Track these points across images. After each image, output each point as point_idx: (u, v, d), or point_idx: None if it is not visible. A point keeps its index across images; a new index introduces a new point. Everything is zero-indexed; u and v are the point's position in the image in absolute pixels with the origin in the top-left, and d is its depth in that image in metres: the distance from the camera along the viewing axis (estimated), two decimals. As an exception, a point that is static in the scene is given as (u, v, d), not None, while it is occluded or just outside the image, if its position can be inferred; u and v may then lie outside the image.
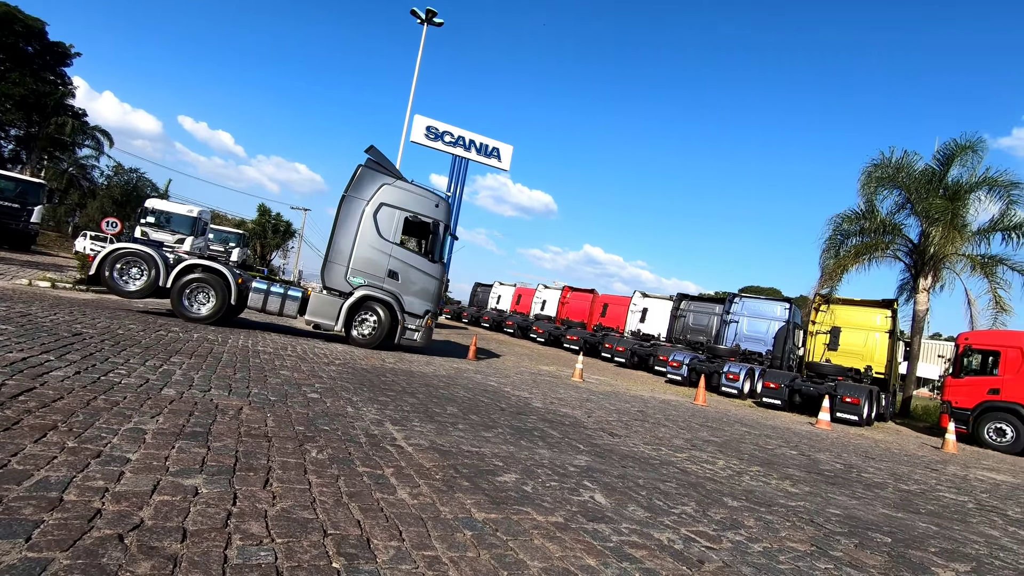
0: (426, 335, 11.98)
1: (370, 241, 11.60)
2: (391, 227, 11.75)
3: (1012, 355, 15.14)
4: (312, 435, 3.95)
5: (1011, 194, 19.38)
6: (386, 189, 11.81)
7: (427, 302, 11.98)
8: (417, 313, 11.79)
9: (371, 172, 11.93)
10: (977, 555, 3.94)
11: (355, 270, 11.57)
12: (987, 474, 9.30)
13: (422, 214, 11.95)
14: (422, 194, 12.12)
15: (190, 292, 10.64)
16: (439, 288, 12.33)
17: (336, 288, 11.54)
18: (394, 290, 11.67)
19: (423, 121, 33.97)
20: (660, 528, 3.28)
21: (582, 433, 6.17)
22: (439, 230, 12.08)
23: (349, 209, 11.69)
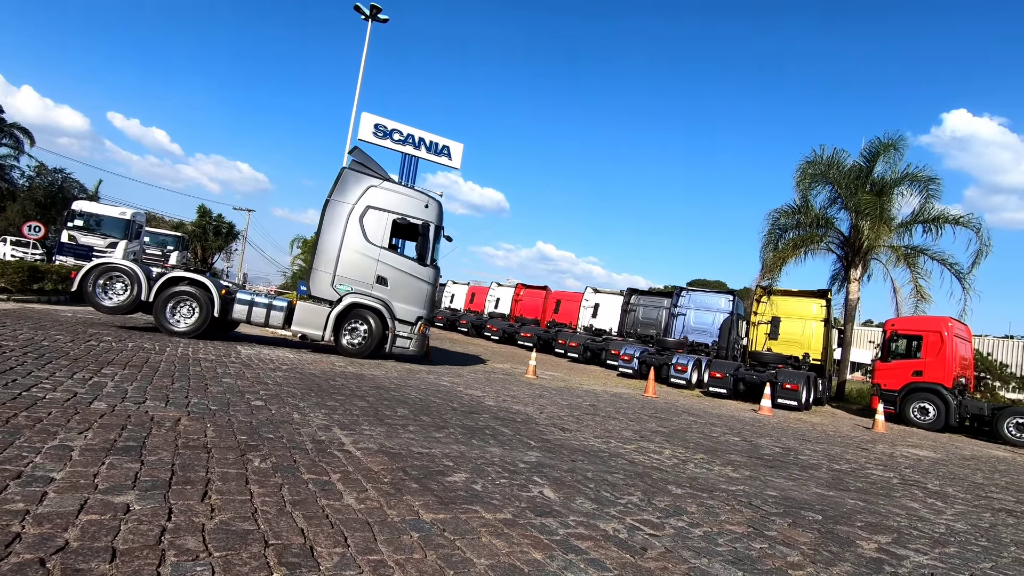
0: (419, 343, 11.46)
1: (357, 246, 11.13)
2: (379, 231, 11.25)
3: (932, 339, 16.27)
4: (255, 444, 3.85)
5: (929, 188, 20.80)
6: (373, 191, 11.35)
7: (419, 308, 11.46)
8: (408, 320, 11.29)
9: (356, 174, 11.46)
10: (898, 527, 4.23)
11: (342, 277, 11.12)
12: (911, 451, 9.97)
13: (411, 216, 11.45)
14: (411, 195, 11.74)
15: (173, 306, 10.37)
16: (432, 293, 11.80)
17: (322, 296, 11.09)
18: (384, 296, 11.18)
19: (371, 119, 33.40)
20: (606, 519, 3.37)
21: (534, 429, 6.24)
22: (429, 232, 11.54)
23: (334, 214, 11.23)
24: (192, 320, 10.39)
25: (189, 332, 10.30)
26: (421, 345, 11.55)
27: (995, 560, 3.69)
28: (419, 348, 11.51)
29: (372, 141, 33.31)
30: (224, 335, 11.95)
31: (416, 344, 11.37)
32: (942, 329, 16.24)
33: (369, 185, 11.36)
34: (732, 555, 3.06)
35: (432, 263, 11.68)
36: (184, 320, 10.36)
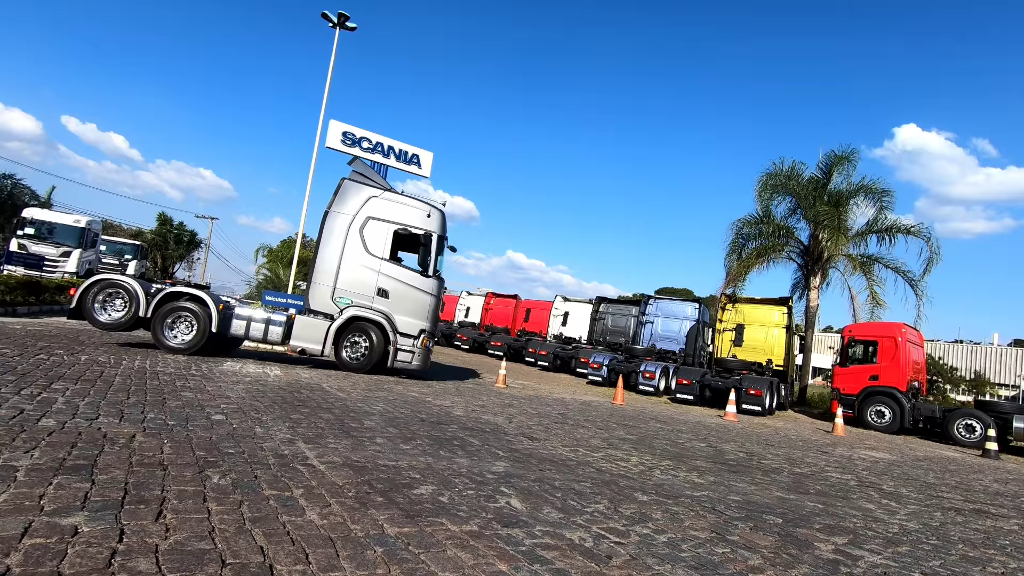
0: (423, 357, 11.15)
1: (357, 258, 10.92)
2: (379, 242, 11.03)
3: (887, 344, 16.89)
4: (214, 460, 3.74)
5: (883, 200, 21.68)
6: (373, 202, 11.15)
7: (421, 320, 11.14)
8: (411, 333, 11.00)
9: (356, 185, 11.27)
10: (854, 527, 4.37)
11: (342, 290, 10.89)
12: (869, 453, 10.31)
13: (412, 226, 11.20)
14: (412, 204, 11.44)
15: (171, 322, 10.18)
16: (435, 305, 11.46)
17: (322, 310, 10.85)
18: (385, 309, 10.93)
19: (339, 127, 33.02)
20: (573, 528, 3.39)
21: (502, 439, 6.24)
22: (431, 242, 11.28)
23: (333, 225, 11.03)
24: (189, 336, 10.22)
25: (186, 349, 10.13)
26: (424, 359, 11.21)
27: (944, 558, 3.84)
28: (422, 362, 11.18)
29: (340, 149, 32.97)
30: (226, 352, 11.77)
31: (419, 358, 11.07)
32: (896, 335, 16.89)
33: (369, 196, 11.19)
34: (695, 560, 3.11)
35: (435, 274, 11.41)
36: (182, 336, 10.20)
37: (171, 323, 10.17)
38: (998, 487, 8.06)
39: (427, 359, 11.36)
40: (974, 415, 15.12)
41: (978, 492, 7.30)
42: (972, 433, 14.82)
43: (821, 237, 21.44)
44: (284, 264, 30.57)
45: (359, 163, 11.94)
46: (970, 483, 8.09)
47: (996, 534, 4.85)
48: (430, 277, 11.28)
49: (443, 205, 11.92)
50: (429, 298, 11.26)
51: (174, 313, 10.19)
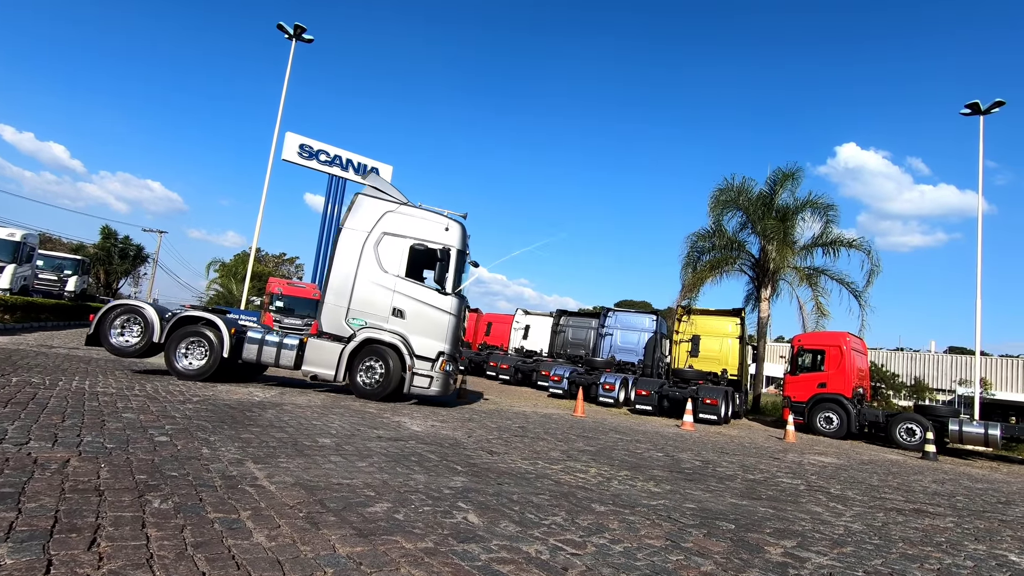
0: (442, 382, 10.32)
1: (371, 276, 10.43)
2: (395, 259, 10.50)
3: (833, 353, 17.60)
4: (156, 483, 3.57)
5: (828, 214, 22.76)
6: (389, 217, 10.65)
7: (440, 342, 10.40)
8: (428, 356, 10.29)
9: (371, 200, 10.82)
10: (803, 531, 4.50)
11: (355, 311, 10.37)
12: (818, 458, 10.68)
13: (429, 240, 10.59)
14: (429, 218, 10.83)
15: (186, 347, 9.91)
16: (456, 325, 10.66)
17: (334, 332, 10.34)
18: (400, 330, 10.32)
19: (296, 139, 32.59)
20: (529, 541, 3.38)
21: (461, 454, 6.18)
22: (450, 257, 10.52)
23: (347, 243, 10.59)
24: (201, 362, 9.96)
25: (198, 375, 9.88)
26: (444, 384, 10.40)
27: (885, 557, 4.00)
28: (442, 388, 10.36)
29: (297, 161, 32.49)
30: (249, 378, 11.45)
31: (439, 383, 10.27)
32: (841, 343, 17.63)
33: (385, 211, 10.72)
34: (650, 569, 3.14)
35: (455, 292, 10.66)
36: (196, 362, 9.96)
37: (185, 349, 9.97)
38: (936, 487, 8.47)
39: (447, 384, 10.50)
40: (914, 419, 15.87)
41: (918, 492, 7.65)
42: (913, 436, 15.55)
43: (770, 250, 22.29)
44: (237, 279, 29.66)
45: (374, 177, 11.45)
46: (911, 484, 8.47)
47: (933, 532, 5.09)
48: (449, 295, 10.55)
49: (464, 217, 11.23)
50: (448, 318, 10.51)
51: (188, 338, 9.96)
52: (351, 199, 11.05)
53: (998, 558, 4.36)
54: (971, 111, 20.64)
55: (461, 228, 10.93)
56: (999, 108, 20.29)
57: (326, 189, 32.48)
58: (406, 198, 11.21)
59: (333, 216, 33.77)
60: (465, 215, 11.24)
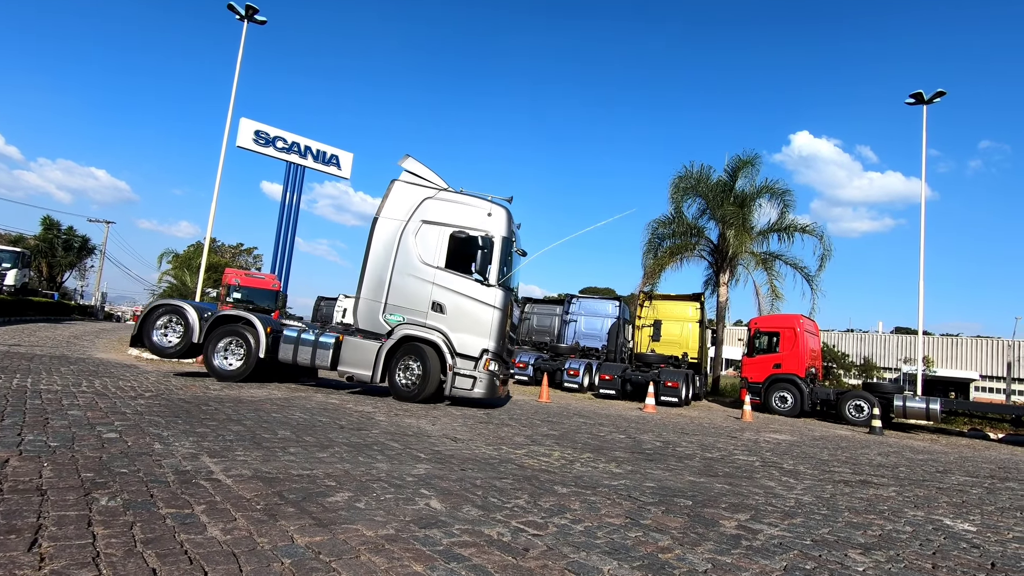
0: (487, 383, 9.55)
1: (409, 269, 9.78)
2: (434, 249, 9.79)
3: (788, 335, 18.23)
4: (104, 481, 3.44)
5: (785, 199, 23.44)
6: (427, 204, 9.97)
7: (483, 338, 9.60)
8: (471, 354, 9.56)
9: (407, 187, 10.16)
10: (756, 504, 4.68)
11: (393, 306, 9.76)
12: (773, 436, 11.09)
13: (470, 228, 9.80)
14: (470, 203, 10.08)
15: (225, 347, 9.71)
16: (501, 320, 9.77)
17: (371, 329, 9.78)
18: (440, 327, 9.62)
19: (251, 125, 31.49)
20: (492, 524, 3.41)
21: (425, 442, 6.16)
22: (493, 245, 9.72)
23: (383, 234, 9.97)
24: (237, 364, 9.73)
25: (233, 376, 9.64)
26: (489, 385, 9.62)
27: (832, 525, 4.20)
28: (487, 389, 9.59)
29: (252, 148, 31.41)
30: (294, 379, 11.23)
31: (483, 385, 9.52)
32: (795, 326, 18.29)
33: (423, 198, 10.03)
34: (609, 546, 3.21)
35: (500, 283, 9.84)
36: (235, 362, 9.74)
37: (224, 349, 9.75)
38: (881, 459, 8.92)
39: (492, 385, 9.68)
40: (862, 396, 16.64)
41: (864, 465, 8.04)
42: (861, 413, 16.31)
43: (729, 236, 22.86)
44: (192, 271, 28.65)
45: (410, 161, 10.50)
46: (858, 457, 8.89)
47: (877, 501, 5.36)
48: (492, 287, 9.72)
49: (509, 201, 10.28)
50: (492, 312, 9.69)
51: (226, 338, 9.71)
52: (387, 186, 10.29)
53: (934, 523, 4.63)
54: (915, 100, 21.52)
55: (506, 213, 10.07)
56: (941, 98, 21.22)
57: (284, 177, 31.60)
58: (446, 183, 10.47)
59: (292, 205, 32.91)
60: (511, 199, 10.33)
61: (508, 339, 10.36)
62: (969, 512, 5.23)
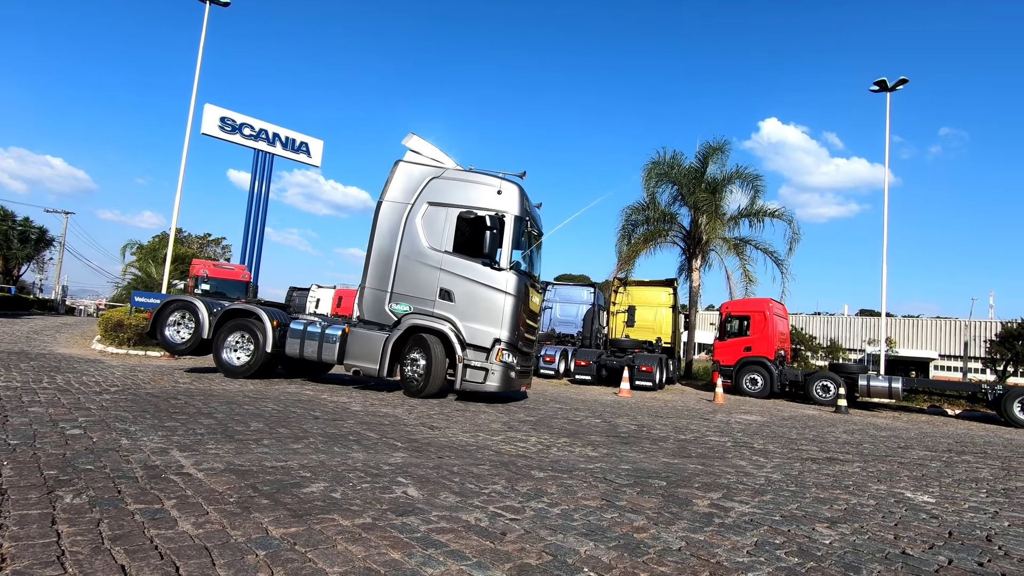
0: (501, 376, 8.85)
1: (415, 254, 9.23)
2: (440, 232, 9.19)
3: (758, 318, 18.63)
4: (68, 478, 3.34)
5: (756, 184, 23.82)
6: (433, 184, 9.37)
7: (494, 327, 8.89)
8: (482, 344, 8.90)
9: (411, 167, 9.60)
10: (728, 483, 4.80)
11: (399, 295, 9.21)
12: (744, 417, 11.37)
13: (479, 207, 9.11)
14: (480, 181, 9.40)
15: (235, 343, 9.50)
16: (515, 306, 9.01)
17: (376, 320, 9.28)
18: (449, 315, 9.00)
19: (216, 111, 30.59)
20: (469, 510, 3.42)
21: (401, 431, 6.14)
22: (504, 225, 9.04)
23: (387, 218, 9.45)
24: (246, 358, 9.47)
25: (241, 372, 9.40)
26: (504, 378, 8.91)
27: (800, 501, 4.33)
28: (501, 382, 8.90)
29: (218, 135, 30.55)
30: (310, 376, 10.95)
31: (497, 377, 8.83)
32: (765, 309, 18.70)
33: (430, 178, 9.42)
34: (586, 528, 3.26)
35: (512, 267, 9.11)
36: (243, 357, 9.50)
37: (233, 344, 9.53)
38: (846, 437, 9.22)
39: (507, 378, 8.97)
40: (828, 377, 17.15)
41: (830, 443, 8.31)
42: (827, 392, 16.82)
43: (700, 222, 23.17)
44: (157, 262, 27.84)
45: (415, 140, 9.82)
46: (824, 436, 9.18)
47: (842, 477, 5.55)
48: (503, 270, 9.01)
49: (521, 177, 9.56)
50: (503, 298, 8.98)
51: (235, 332, 9.48)
52: (391, 168, 9.71)
53: (896, 495, 4.81)
54: (879, 88, 22.01)
55: (518, 190, 9.37)
56: (903, 86, 21.75)
57: (252, 165, 30.83)
58: (455, 162, 9.89)
59: (261, 193, 32.16)
60: (523, 174, 9.58)
61: (527, 328, 9.70)
62: (928, 485, 5.45)
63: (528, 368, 10.20)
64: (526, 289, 9.35)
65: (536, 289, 10.20)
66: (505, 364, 8.90)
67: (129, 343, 13.78)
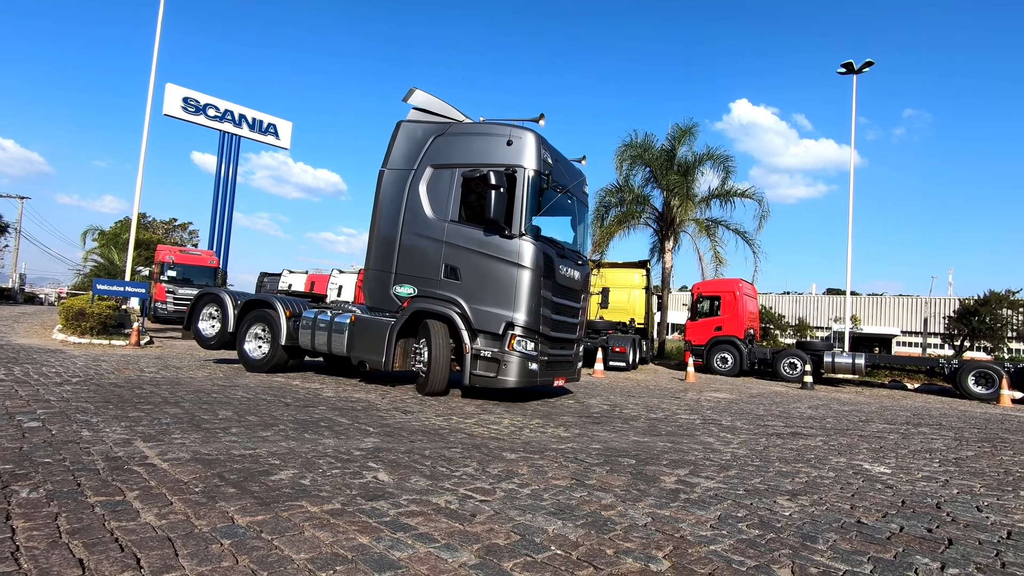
0: (517, 367, 7.37)
1: (418, 227, 8.05)
2: (446, 198, 7.90)
3: (728, 298, 18.98)
4: (25, 472, 3.25)
5: (727, 166, 24.08)
6: (438, 144, 8.13)
7: (505, 309, 7.39)
8: (491, 330, 7.44)
9: (414, 127, 8.41)
10: (695, 460, 4.92)
11: (402, 276, 8.11)
12: (714, 395, 11.63)
13: (484, 164, 7.63)
14: (488, 132, 8.00)
15: (256, 335, 9.20)
16: (532, 281, 7.45)
17: (381, 306, 8.32)
18: (455, 296, 7.68)
19: (178, 91, 29.51)
20: (439, 493, 3.44)
21: (374, 416, 6.12)
22: (515, 181, 7.50)
23: (389, 189, 8.35)
24: (263, 351, 9.15)
25: (259, 366, 9.06)
26: (520, 370, 7.43)
27: (763, 476, 4.47)
28: (518, 375, 7.42)
29: (182, 117, 29.51)
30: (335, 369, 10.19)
31: (512, 369, 7.36)
32: (735, 289, 19.05)
33: (434, 136, 8.18)
34: (555, 507, 3.31)
35: (525, 233, 7.47)
36: (265, 348, 9.16)
37: (254, 336, 9.25)
38: (811, 412, 9.52)
39: (526, 370, 7.49)
40: (795, 354, 17.63)
41: (795, 418, 8.57)
42: (794, 370, 17.30)
43: (673, 204, 23.39)
44: (119, 248, 26.98)
45: (418, 94, 8.48)
46: (790, 411, 9.46)
47: (805, 451, 5.74)
48: (514, 237, 7.43)
49: (538, 122, 8.06)
50: (515, 272, 7.41)
51: (256, 325, 9.18)
52: (393, 130, 8.55)
53: (855, 467, 5.00)
54: (846, 70, 22.35)
55: (533, 139, 7.75)
56: (869, 68, 22.13)
57: (218, 148, 29.96)
58: (465, 115, 8.55)
59: (228, 177, 31.29)
60: (540, 118, 8.07)
61: (558, 309, 8.06)
62: (886, 456, 5.67)
63: (566, 358, 8.62)
64: (549, 261, 7.81)
65: (572, 262, 8.58)
66: (522, 354, 7.43)
67: (92, 332, 13.38)
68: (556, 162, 8.20)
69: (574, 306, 8.64)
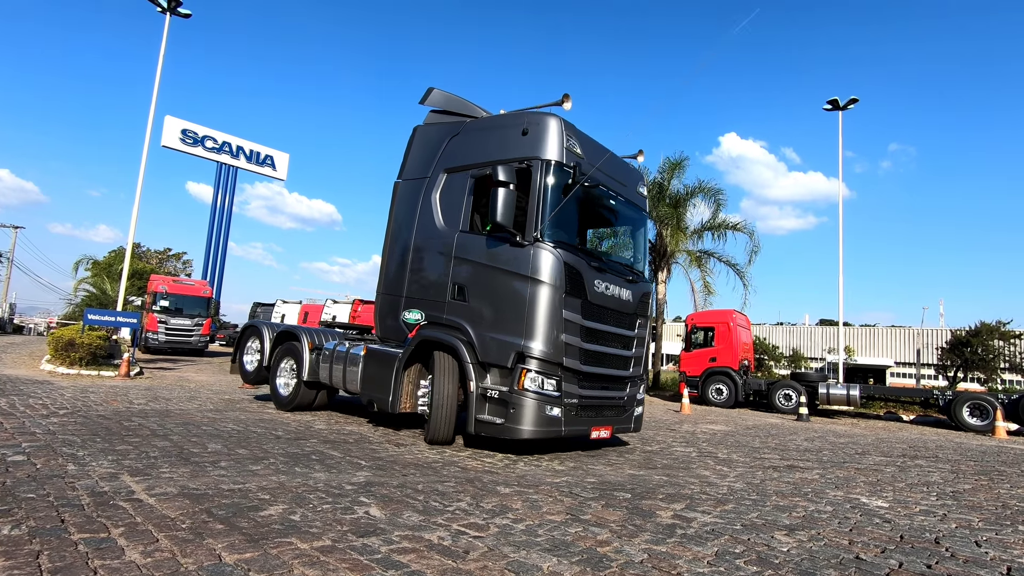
0: (532, 413, 5.86)
1: (429, 241, 7.00)
2: (459, 206, 6.78)
3: (722, 329, 19.02)
4: (7, 508, 3.17)
5: (718, 199, 24.43)
6: (452, 145, 7.10)
7: (515, 336, 5.98)
8: (500, 363, 6.04)
9: (431, 129, 7.48)
10: (691, 494, 4.86)
11: (411, 299, 7.01)
12: (709, 426, 11.54)
13: (493, 160, 6.45)
14: (501, 124, 6.88)
15: (288, 369, 8.77)
16: (550, 300, 5.96)
17: (390, 336, 7.29)
18: (460, 320, 6.41)
19: (177, 124, 29.93)
20: (432, 528, 3.38)
21: (365, 448, 6.04)
22: (530, 177, 6.22)
23: (403, 202, 7.42)
24: (290, 388, 8.67)
25: (284, 404, 8.61)
26: (536, 417, 5.89)
27: (760, 510, 4.42)
28: (533, 423, 5.87)
29: (180, 148, 29.89)
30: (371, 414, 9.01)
31: (526, 416, 5.85)
32: (729, 320, 19.12)
33: (449, 137, 7.16)
34: (550, 543, 3.25)
35: (538, 236, 6.05)
36: (291, 384, 8.69)
37: (286, 371, 8.86)
38: (807, 444, 9.46)
39: (542, 416, 5.93)
40: (790, 385, 17.60)
41: (791, 450, 8.50)
42: (789, 401, 17.24)
43: (665, 235, 23.63)
44: (113, 278, 26.87)
45: (435, 94, 7.59)
46: (786, 444, 9.39)
47: (802, 484, 5.69)
48: (527, 245, 6.07)
49: (561, 105, 6.73)
50: (527, 287, 6.01)
51: (286, 359, 8.75)
52: (409, 136, 7.74)
53: (852, 501, 4.95)
54: (832, 107, 22.96)
55: (554, 124, 6.38)
56: (854, 104, 22.74)
57: (215, 179, 30.22)
58: (486, 111, 7.47)
59: (224, 207, 31.45)
60: (564, 99, 6.72)
61: (593, 337, 6.47)
62: (883, 490, 5.62)
63: (610, 401, 6.90)
64: (576, 274, 6.22)
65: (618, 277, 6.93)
66: (537, 394, 5.92)
67: (81, 363, 13.21)
68: (593, 154, 6.75)
69: (621, 333, 6.95)
